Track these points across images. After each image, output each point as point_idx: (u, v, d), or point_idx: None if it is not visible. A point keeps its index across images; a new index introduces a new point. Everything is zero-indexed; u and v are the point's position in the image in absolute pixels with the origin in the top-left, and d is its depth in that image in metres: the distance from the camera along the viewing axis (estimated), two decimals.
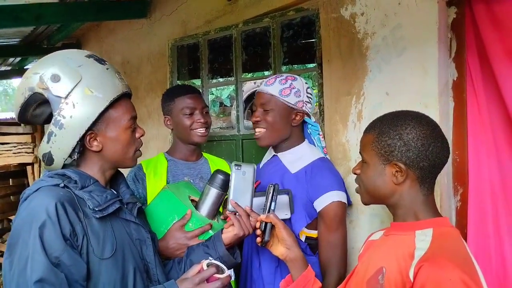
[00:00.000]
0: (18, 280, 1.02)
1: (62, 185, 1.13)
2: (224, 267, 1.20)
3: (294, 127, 1.75)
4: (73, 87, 1.13)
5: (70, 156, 1.18)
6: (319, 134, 1.84)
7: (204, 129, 1.89)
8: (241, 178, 1.44)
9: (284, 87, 1.71)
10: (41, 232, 1.03)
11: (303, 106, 1.74)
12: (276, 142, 1.76)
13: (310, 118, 1.81)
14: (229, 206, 1.43)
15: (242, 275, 1.84)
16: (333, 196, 1.63)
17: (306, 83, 1.78)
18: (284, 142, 1.77)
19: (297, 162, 1.74)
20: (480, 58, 1.69)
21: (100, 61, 1.21)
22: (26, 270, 1.01)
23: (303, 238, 1.69)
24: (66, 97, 1.13)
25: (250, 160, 2.80)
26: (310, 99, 1.78)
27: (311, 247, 1.70)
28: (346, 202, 1.69)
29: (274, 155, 1.82)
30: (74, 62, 1.16)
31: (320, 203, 1.64)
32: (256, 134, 1.76)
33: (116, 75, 1.22)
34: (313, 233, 1.69)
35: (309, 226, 1.68)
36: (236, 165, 1.45)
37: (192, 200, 1.59)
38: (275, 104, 1.71)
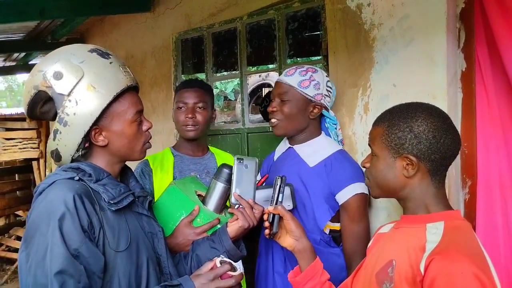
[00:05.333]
0: (36, 271, 1.02)
1: (76, 178, 1.14)
2: (236, 266, 1.21)
3: (312, 120, 1.75)
4: (75, 84, 1.13)
5: (77, 151, 1.18)
6: (336, 128, 1.84)
7: (190, 125, 1.86)
8: (244, 171, 1.46)
9: (304, 79, 1.70)
10: (60, 224, 1.03)
11: (321, 99, 1.73)
12: (291, 133, 1.76)
13: (328, 111, 1.80)
14: (232, 199, 1.44)
15: (261, 269, 1.85)
16: (356, 189, 1.63)
17: (326, 76, 1.77)
18: (301, 134, 1.76)
19: (315, 155, 1.73)
20: (489, 48, 1.66)
21: (104, 55, 1.19)
22: (45, 261, 1.01)
23: (327, 231, 1.69)
24: (68, 95, 1.13)
25: (255, 153, 2.79)
26: (330, 93, 1.77)
27: (334, 239, 1.70)
28: (368, 193, 1.68)
29: (290, 147, 1.81)
30: (76, 58, 1.15)
31: (343, 196, 1.64)
32: (272, 123, 1.76)
33: (120, 68, 1.21)
34: (337, 226, 1.69)
35: (332, 219, 1.68)
36: (238, 158, 1.46)
37: (199, 195, 1.59)
38: (293, 96, 1.70)
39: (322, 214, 1.67)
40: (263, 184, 1.76)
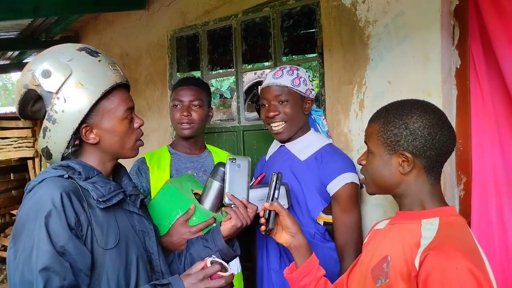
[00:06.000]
0: (23, 268, 1.03)
1: (66, 176, 1.14)
2: (227, 266, 1.21)
3: (305, 116, 1.78)
4: (63, 81, 1.14)
5: (67, 148, 1.19)
6: (321, 119, 1.87)
7: (186, 123, 1.85)
8: (236, 171, 1.47)
9: (294, 78, 1.73)
10: (46, 221, 1.04)
11: (310, 94, 1.77)
12: (294, 133, 1.77)
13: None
14: (226, 199, 1.45)
15: (258, 267, 1.86)
16: (346, 178, 1.66)
17: (306, 71, 1.81)
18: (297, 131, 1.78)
19: (306, 149, 1.76)
20: (483, 45, 1.67)
21: (93, 53, 1.20)
22: (31, 258, 1.02)
23: (321, 223, 1.70)
24: (57, 92, 1.14)
25: (251, 151, 2.79)
26: (313, 86, 1.81)
27: (329, 233, 1.71)
28: (359, 184, 1.70)
29: (281, 145, 1.82)
30: (65, 56, 1.17)
31: (334, 186, 1.66)
32: (275, 129, 1.75)
33: (109, 66, 1.21)
34: (330, 218, 1.71)
35: (325, 211, 1.70)
36: (230, 158, 1.47)
37: (195, 194, 1.59)
38: (290, 95, 1.72)
39: (314, 205, 1.69)
40: (259, 184, 1.76)
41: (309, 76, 1.80)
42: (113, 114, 1.21)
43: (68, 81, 1.14)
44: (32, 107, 1.20)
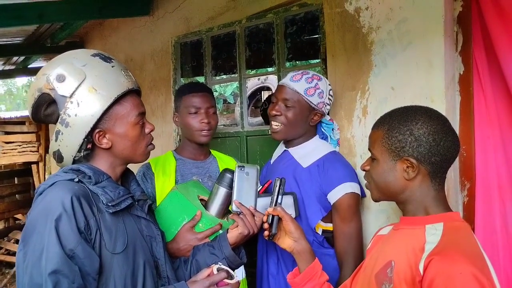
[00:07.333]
0: (32, 271, 1.03)
1: (76, 179, 1.16)
2: (233, 273, 1.21)
3: (310, 126, 1.78)
4: (77, 86, 1.15)
5: (78, 152, 1.20)
6: (333, 129, 1.87)
7: (206, 130, 1.86)
8: (245, 178, 1.47)
9: (310, 87, 1.72)
10: (56, 225, 1.05)
11: (323, 107, 1.76)
12: (290, 138, 1.79)
13: (325, 117, 1.84)
14: (233, 207, 1.45)
15: (258, 271, 1.87)
16: (346, 188, 1.65)
17: (329, 84, 1.80)
18: (297, 138, 1.79)
19: (309, 156, 1.76)
20: (486, 51, 1.67)
21: (106, 59, 1.22)
22: (40, 261, 1.03)
23: (319, 232, 1.70)
24: (70, 96, 1.15)
25: (254, 156, 2.79)
26: (330, 101, 1.80)
27: (328, 240, 1.71)
28: (360, 193, 1.70)
29: (285, 150, 1.83)
30: (79, 61, 1.18)
31: (334, 195, 1.66)
32: (273, 127, 1.77)
33: (122, 72, 1.23)
34: (329, 226, 1.71)
35: (325, 219, 1.70)
36: (239, 166, 1.47)
37: (201, 200, 1.59)
38: (298, 102, 1.72)
39: (313, 213, 1.69)
40: (266, 191, 1.77)
41: (330, 90, 1.78)
42: (125, 119, 1.22)
43: (81, 85, 1.16)
44: (45, 111, 1.22)
